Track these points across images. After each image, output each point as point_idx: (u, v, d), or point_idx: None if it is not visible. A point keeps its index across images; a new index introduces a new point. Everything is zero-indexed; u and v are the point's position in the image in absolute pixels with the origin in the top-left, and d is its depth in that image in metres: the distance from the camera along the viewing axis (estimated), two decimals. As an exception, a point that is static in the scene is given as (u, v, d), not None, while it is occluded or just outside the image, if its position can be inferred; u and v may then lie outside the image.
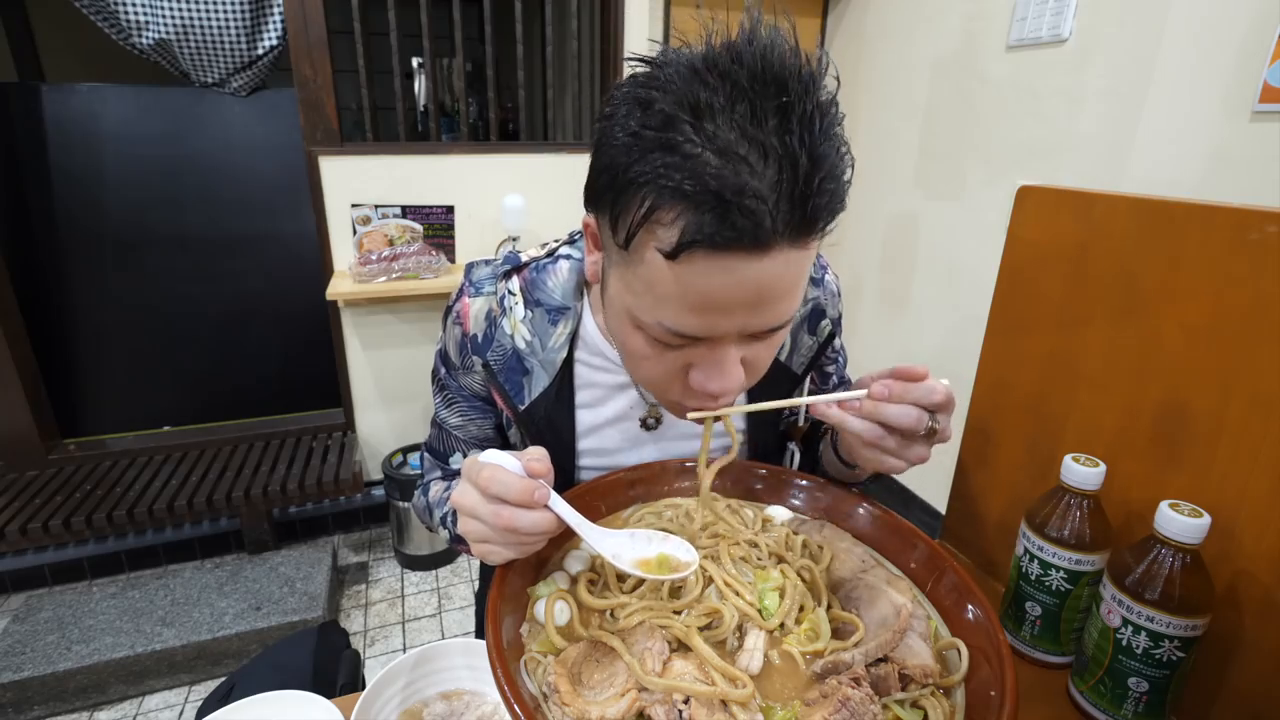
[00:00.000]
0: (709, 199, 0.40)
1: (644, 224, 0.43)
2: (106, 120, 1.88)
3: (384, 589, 2.07)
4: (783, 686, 0.46)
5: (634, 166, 0.42)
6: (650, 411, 0.71)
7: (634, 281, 0.47)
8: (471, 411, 0.72)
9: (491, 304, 0.68)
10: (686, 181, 0.40)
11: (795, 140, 0.40)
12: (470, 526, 0.48)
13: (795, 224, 0.41)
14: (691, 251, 0.42)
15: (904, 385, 0.50)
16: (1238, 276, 0.54)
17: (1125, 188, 1.48)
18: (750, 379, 0.54)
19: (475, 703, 0.61)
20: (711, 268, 0.42)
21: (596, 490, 0.63)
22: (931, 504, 2.25)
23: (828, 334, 0.73)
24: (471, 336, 0.68)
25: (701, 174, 0.40)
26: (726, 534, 0.58)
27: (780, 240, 0.42)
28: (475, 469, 0.48)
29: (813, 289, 0.72)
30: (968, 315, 2.01)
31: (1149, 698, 0.54)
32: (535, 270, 0.68)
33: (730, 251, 0.42)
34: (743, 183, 0.39)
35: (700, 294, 0.44)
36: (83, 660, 1.58)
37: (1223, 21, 1.32)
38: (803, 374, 0.73)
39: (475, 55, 3.35)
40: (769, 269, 0.43)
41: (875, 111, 2.33)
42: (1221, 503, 0.55)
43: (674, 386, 0.53)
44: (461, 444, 0.74)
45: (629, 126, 0.43)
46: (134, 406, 2.11)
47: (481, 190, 2.09)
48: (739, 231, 0.40)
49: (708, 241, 0.41)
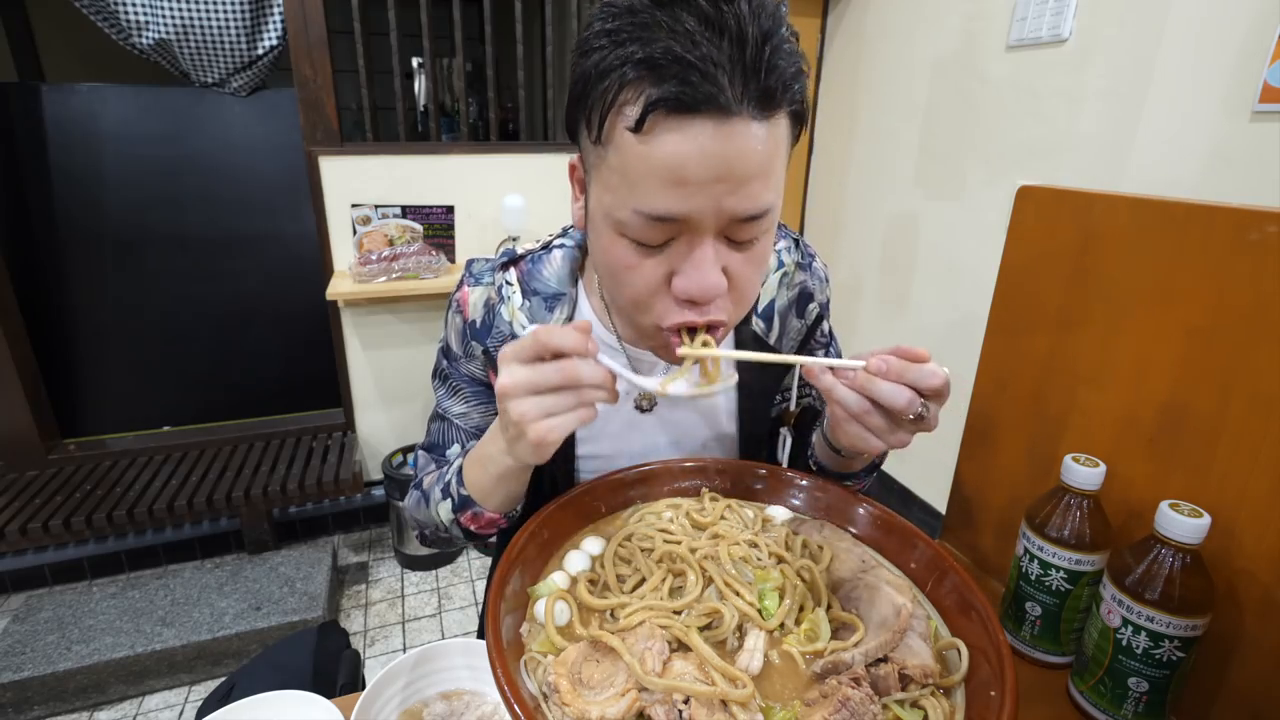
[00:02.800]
0: (670, 68, 0.43)
1: (613, 107, 0.46)
2: (106, 120, 1.88)
3: (384, 589, 2.07)
4: (783, 686, 0.46)
5: (603, 61, 0.46)
6: (644, 392, 0.71)
7: (610, 176, 0.49)
8: (474, 398, 0.74)
9: (490, 293, 0.70)
10: (649, 58, 0.44)
11: (747, 19, 0.44)
12: (524, 406, 0.47)
13: (754, 95, 0.44)
14: (655, 119, 0.44)
15: (902, 364, 0.49)
16: (1238, 276, 0.54)
17: (1125, 188, 1.48)
18: (735, 301, 0.54)
19: (475, 703, 0.61)
20: (677, 137, 0.45)
21: (596, 490, 0.63)
22: (931, 504, 2.25)
23: (815, 316, 0.75)
24: (471, 323, 0.70)
25: (664, 49, 0.43)
26: (726, 534, 0.58)
27: (741, 109, 0.44)
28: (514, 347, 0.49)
29: (800, 273, 0.74)
30: (968, 315, 2.01)
31: (1149, 698, 0.54)
32: (531, 262, 0.71)
33: (693, 116, 0.44)
34: (702, 53, 0.43)
35: (668, 166, 0.46)
36: (83, 660, 1.58)
37: (1223, 21, 1.32)
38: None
39: (475, 55, 3.35)
40: (735, 141, 0.45)
41: (875, 111, 2.33)
42: (1221, 503, 0.55)
43: (657, 304, 0.53)
44: (462, 434, 0.75)
45: (597, 29, 0.47)
46: (134, 406, 2.11)
47: (481, 190, 2.09)
48: (699, 96, 0.43)
49: (669, 104, 0.44)
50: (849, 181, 2.51)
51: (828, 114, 2.59)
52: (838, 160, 2.56)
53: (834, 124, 2.56)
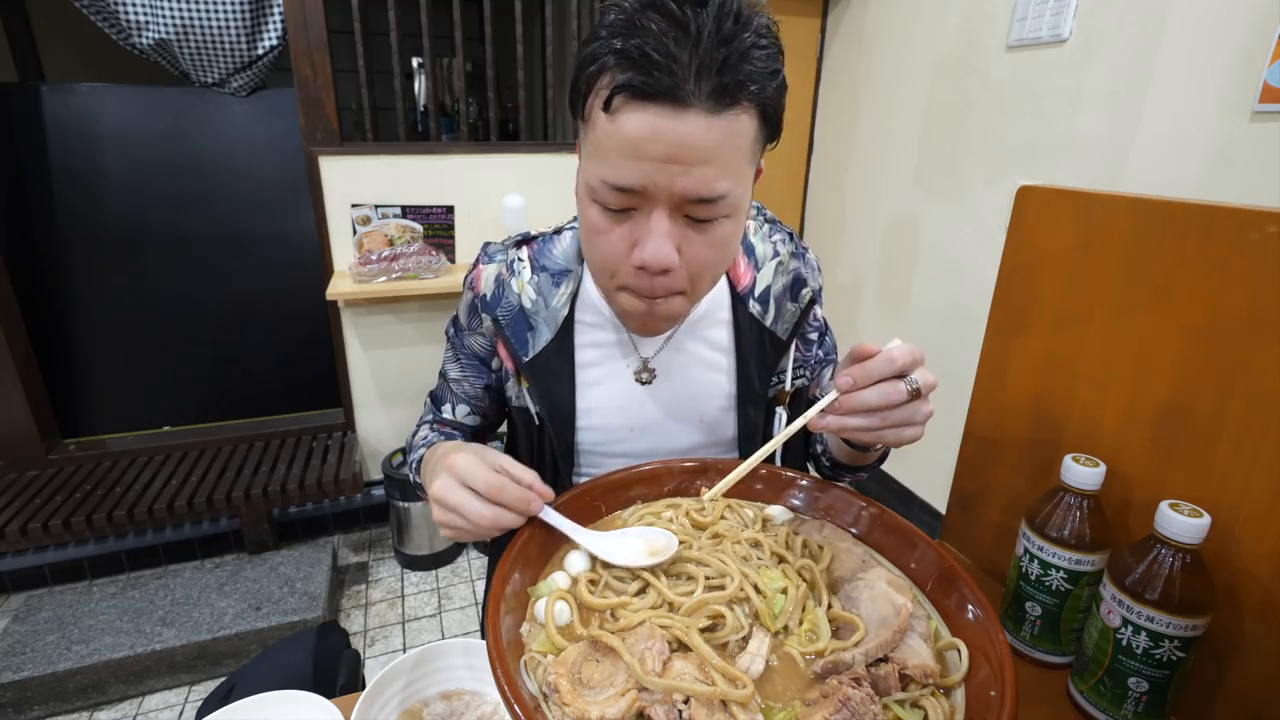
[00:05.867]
0: (638, 59, 0.51)
1: (592, 88, 0.55)
2: (106, 120, 1.88)
3: (384, 589, 2.07)
4: (783, 687, 0.46)
5: (594, 51, 0.54)
6: (644, 365, 0.76)
7: (588, 147, 0.58)
8: (470, 370, 0.81)
9: (501, 269, 0.76)
10: (624, 50, 0.51)
11: (709, 24, 0.50)
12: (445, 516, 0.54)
13: (709, 90, 0.51)
14: (620, 101, 0.52)
15: (863, 368, 0.53)
16: (1238, 276, 0.54)
17: (1125, 188, 1.48)
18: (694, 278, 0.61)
19: (475, 703, 0.61)
20: (637, 118, 0.52)
21: (596, 490, 0.63)
22: (931, 504, 2.25)
23: (808, 300, 0.79)
24: (481, 296, 0.76)
25: (637, 45, 0.51)
26: (727, 534, 0.58)
27: (695, 101, 0.51)
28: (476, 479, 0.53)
29: (794, 261, 0.79)
30: (968, 315, 2.01)
31: (1149, 698, 0.54)
32: (542, 241, 0.78)
33: (652, 102, 0.51)
34: (664, 47, 0.50)
35: (628, 141, 0.53)
36: (83, 660, 1.58)
37: (1223, 21, 1.32)
38: (787, 340, 0.78)
39: (475, 55, 3.35)
40: (686, 127, 0.52)
41: (875, 111, 2.33)
42: (1221, 503, 0.55)
43: (622, 268, 0.61)
44: (454, 396, 0.83)
45: (600, 24, 0.55)
46: (134, 406, 2.11)
47: (481, 190, 2.09)
48: (659, 86, 0.51)
49: (631, 89, 0.51)
50: (849, 181, 2.51)
51: (828, 114, 2.59)
52: (838, 160, 2.56)
53: (834, 124, 2.56)
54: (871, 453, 0.70)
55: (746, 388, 0.76)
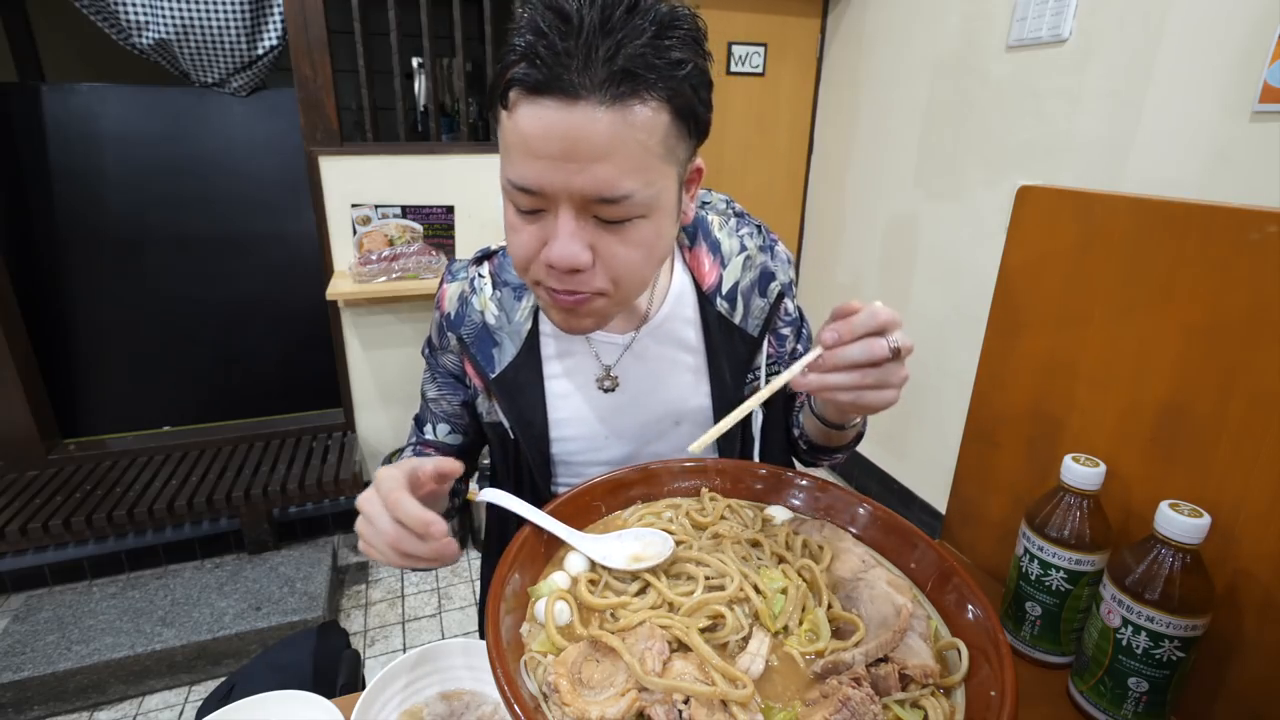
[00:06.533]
0: (530, 54, 0.50)
1: (495, 87, 0.54)
2: (106, 120, 1.88)
3: (384, 589, 2.07)
4: (783, 687, 0.46)
5: (502, 51, 0.53)
6: (606, 373, 0.75)
7: (501, 149, 0.56)
8: (447, 388, 0.81)
9: (464, 287, 0.76)
10: (519, 46, 0.51)
11: (598, 14, 0.49)
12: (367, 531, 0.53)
13: (600, 80, 0.49)
14: (515, 96, 0.52)
15: (848, 323, 0.53)
16: (1238, 276, 0.54)
17: (1125, 188, 1.48)
18: (613, 280, 0.58)
19: (475, 703, 0.61)
20: (530, 114, 0.51)
21: (596, 490, 0.63)
22: (931, 504, 2.25)
23: (777, 294, 0.78)
24: (446, 315, 0.76)
25: (529, 40, 0.50)
26: (727, 534, 0.58)
27: (586, 93, 0.49)
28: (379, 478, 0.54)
29: (761, 255, 0.78)
30: (968, 315, 2.01)
31: (1149, 698, 0.54)
32: (502, 256, 0.77)
33: (542, 96, 0.50)
34: (553, 42, 0.49)
35: (524, 138, 0.52)
36: (83, 660, 1.58)
37: (1223, 21, 1.32)
38: (759, 336, 0.77)
39: (475, 55, 3.34)
40: (577, 120, 0.50)
41: (875, 111, 2.33)
42: (1221, 503, 0.55)
43: (534, 268, 0.59)
44: (434, 416, 0.82)
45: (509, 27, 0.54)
46: (134, 406, 2.11)
47: (481, 190, 2.09)
48: (548, 79, 0.49)
49: (522, 83, 0.51)
50: (849, 181, 2.51)
51: (828, 114, 2.60)
52: (838, 160, 2.56)
53: (834, 124, 2.56)
54: (847, 430, 0.70)
55: (720, 387, 0.75)
